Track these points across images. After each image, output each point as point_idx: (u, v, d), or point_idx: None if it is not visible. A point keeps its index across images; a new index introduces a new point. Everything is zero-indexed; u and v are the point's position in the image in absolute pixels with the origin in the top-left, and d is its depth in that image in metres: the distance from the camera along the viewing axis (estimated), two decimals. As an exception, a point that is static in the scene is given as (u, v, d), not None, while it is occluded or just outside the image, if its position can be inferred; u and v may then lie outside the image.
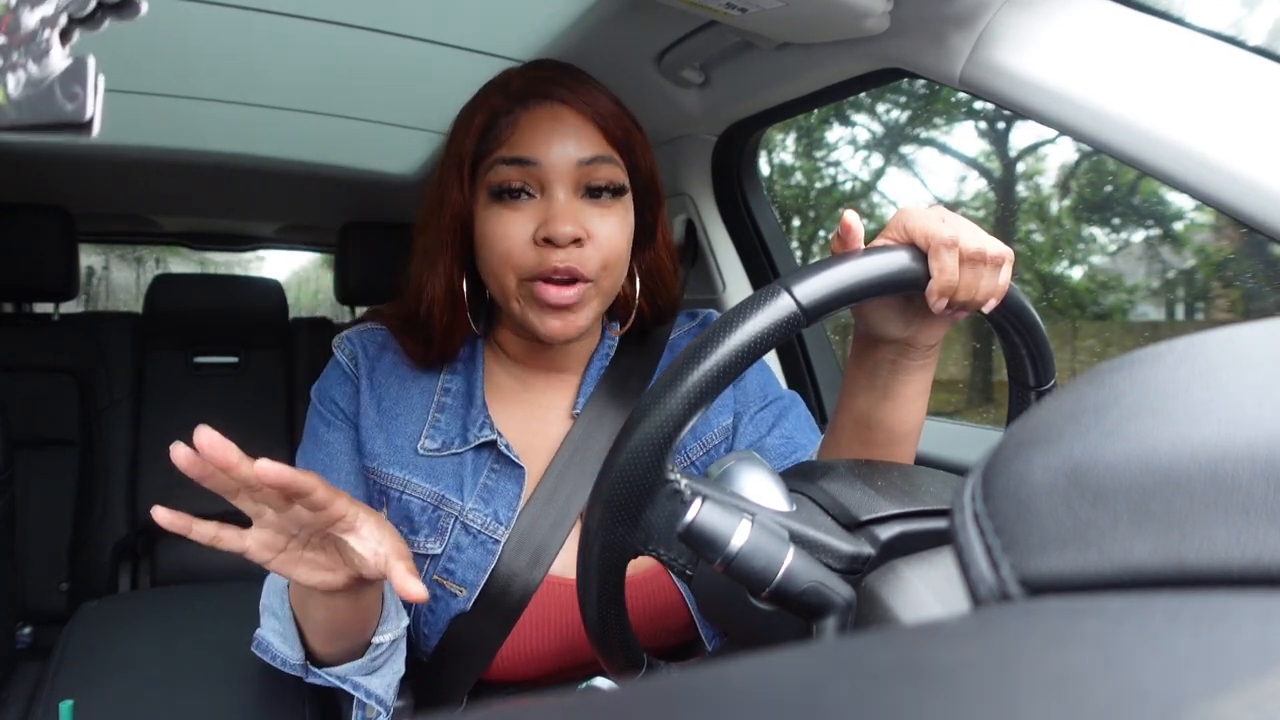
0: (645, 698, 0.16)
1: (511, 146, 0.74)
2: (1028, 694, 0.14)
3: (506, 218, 0.74)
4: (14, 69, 0.26)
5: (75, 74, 0.26)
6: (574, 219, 0.73)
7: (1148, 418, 0.21)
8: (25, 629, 1.73)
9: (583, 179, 0.74)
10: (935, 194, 5.45)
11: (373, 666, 0.72)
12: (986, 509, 0.23)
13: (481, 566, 0.77)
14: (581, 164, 0.74)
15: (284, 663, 0.72)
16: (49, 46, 0.26)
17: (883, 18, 0.80)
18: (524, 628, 0.77)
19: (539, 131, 0.74)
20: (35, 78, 0.26)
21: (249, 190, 2.08)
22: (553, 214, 0.73)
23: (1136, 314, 4.22)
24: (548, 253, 0.72)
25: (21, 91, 0.26)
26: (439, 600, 0.78)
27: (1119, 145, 0.67)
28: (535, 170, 0.73)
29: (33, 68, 0.26)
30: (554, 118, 0.75)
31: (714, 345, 0.50)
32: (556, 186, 0.74)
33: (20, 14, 0.26)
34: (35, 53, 0.26)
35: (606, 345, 0.88)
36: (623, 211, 0.77)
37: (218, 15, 1.07)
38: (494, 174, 0.74)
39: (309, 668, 0.72)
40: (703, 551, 0.48)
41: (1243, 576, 0.17)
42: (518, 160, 0.73)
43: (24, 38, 0.26)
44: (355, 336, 0.85)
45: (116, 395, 2.02)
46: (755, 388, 0.89)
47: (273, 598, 0.74)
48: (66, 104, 0.26)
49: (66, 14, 0.26)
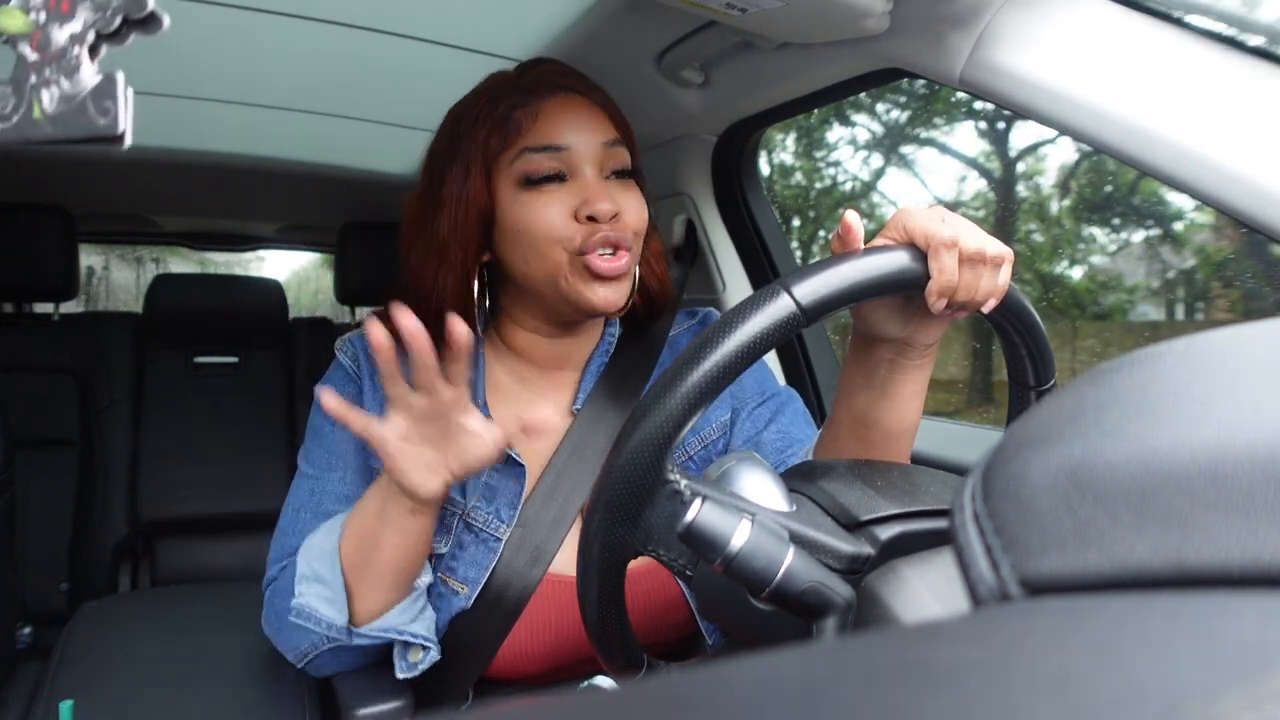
0: (645, 698, 0.16)
1: (537, 136, 0.77)
2: (1028, 694, 0.14)
3: (541, 201, 0.77)
4: (47, 85, 0.27)
5: (106, 89, 0.27)
6: (609, 196, 0.77)
7: (1148, 418, 0.21)
8: (25, 629, 1.73)
9: (607, 160, 0.79)
10: (935, 194, 5.45)
11: (414, 610, 0.75)
12: (986, 509, 0.23)
13: (483, 564, 0.77)
14: (606, 146, 0.79)
15: (329, 626, 0.73)
16: (79, 63, 0.27)
17: (883, 18, 0.80)
18: (524, 625, 0.77)
19: (563, 120, 0.78)
20: (68, 93, 0.27)
21: (249, 190, 2.08)
22: (592, 193, 0.76)
23: (1136, 314, 4.22)
24: (593, 228, 0.76)
25: (56, 107, 0.27)
26: (441, 598, 0.78)
27: (1119, 145, 0.67)
28: (565, 155, 0.77)
29: (65, 83, 0.27)
30: (572, 106, 0.79)
31: (714, 345, 0.50)
32: (585, 168, 0.77)
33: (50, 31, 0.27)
34: (66, 69, 0.27)
35: (606, 342, 0.88)
36: (639, 192, 0.82)
37: (218, 15, 1.07)
38: (523, 162, 0.77)
39: (353, 629, 0.73)
40: (703, 552, 0.48)
41: (1243, 576, 0.17)
42: (548, 148, 0.77)
43: (55, 54, 0.27)
44: (357, 339, 0.86)
45: (116, 395, 2.02)
46: (753, 384, 0.89)
47: (319, 563, 0.74)
48: (99, 118, 0.27)
49: (94, 30, 0.27)
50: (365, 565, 0.72)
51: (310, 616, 0.73)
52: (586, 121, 0.78)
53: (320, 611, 0.73)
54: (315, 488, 0.80)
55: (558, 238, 0.76)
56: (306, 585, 0.74)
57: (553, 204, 0.76)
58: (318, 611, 0.73)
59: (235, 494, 2.03)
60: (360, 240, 2.18)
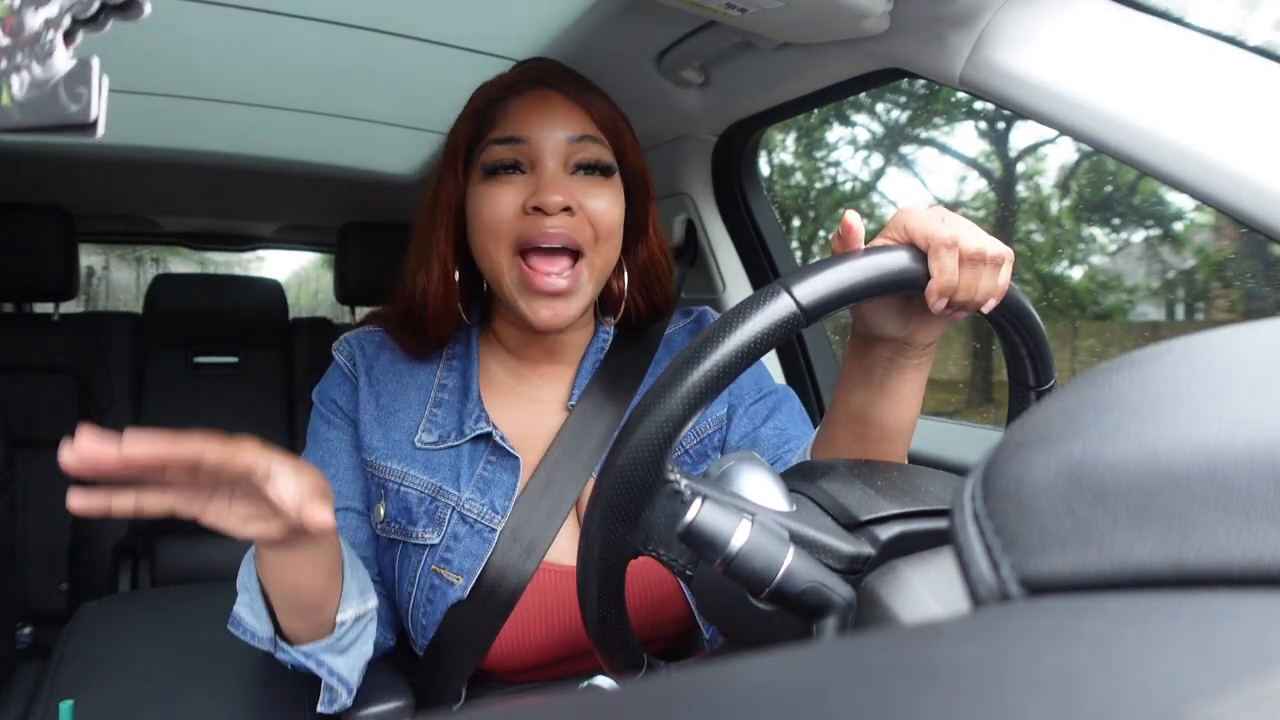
0: (645, 697, 0.16)
1: (503, 128, 0.78)
2: (1028, 694, 0.14)
3: (496, 191, 0.77)
4: (18, 70, 0.26)
5: (79, 75, 0.26)
6: (563, 189, 0.76)
7: (1148, 418, 0.21)
8: (25, 629, 1.73)
9: (571, 154, 0.78)
10: (935, 194, 5.45)
11: (340, 646, 0.71)
12: (986, 509, 0.23)
13: (478, 555, 0.77)
14: (570, 140, 0.78)
15: (254, 636, 0.71)
16: (53, 48, 0.26)
17: (883, 18, 0.80)
18: (520, 616, 0.77)
19: (530, 112, 0.78)
20: (39, 79, 0.26)
21: (249, 190, 2.08)
22: (542, 184, 0.76)
23: (1136, 314, 4.22)
24: (538, 220, 0.75)
25: (25, 93, 0.26)
26: (436, 590, 0.78)
27: (1119, 145, 0.67)
28: (525, 147, 0.77)
29: (37, 69, 0.26)
30: (543, 101, 0.79)
31: (713, 345, 0.50)
32: (546, 160, 0.77)
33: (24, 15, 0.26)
34: (39, 54, 0.26)
35: (601, 338, 0.88)
36: (613, 191, 0.80)
37: (218, 15, 1.07)
38: (486, 154, 0.78)
39: (278, 643, 0.71)
40: (703, 551, 0.48)
41: (1243, 576, 0.17)
42: (509, 139, 0.77)
43: (28, 39, 0.26)
44: (353, 339, 0.87)
45: (116, 395, 2.02)
46: (750, 381, 0.90)
47: (244, 570, 0.73)
48: (71, 105, 0.26)
49: (70, 15, 0.26)
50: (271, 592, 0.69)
51: (239, 625, 0.72)
52: (554, 115, 0.78)
53: (246, 621, 0.72)
54: None
55: (500, 229, 0.76)
56: (241, 592, 0.73)
57: (505, 194, 0.76)
58: (244, 621, 0.72)
59: (235, 494, 2.02)
60: (360, 240, 2.19)
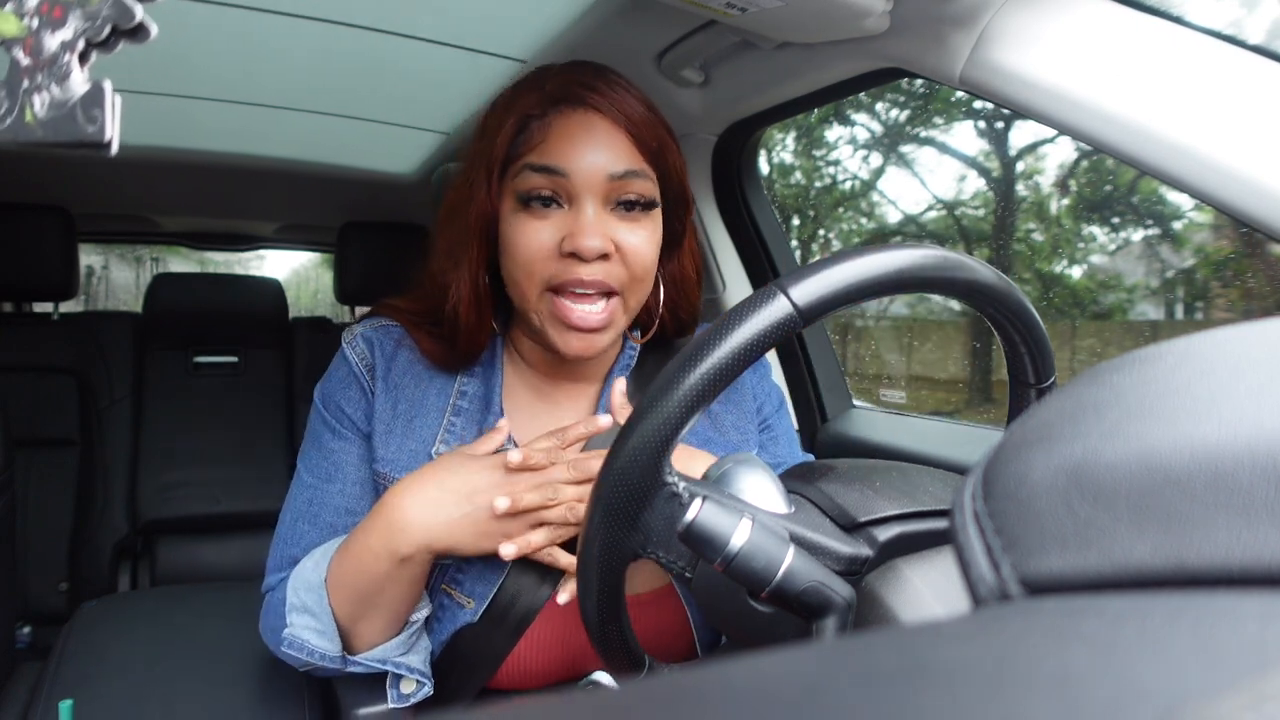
0: (646, 697, 0.16)
1: (541, 153, 0.72)
2: (1028, 694, 0.14)
3: (532, 226, 0.72)
4: (39, 90, 0.28)
5: (94, 97, 0.28)
6: (601, 233, 0.71)
7: (1148, 417, 0.21)
8: (25, 629, 1.73)
9: (613, 193, 0.72)
10: (935, 193, 5.44)
11: (410, 644, 0.75)
12: (987, 509, 0.23)
13: (491, 579, 0.75)
14: (613, 178, 0.72)
15: (322, 656, 0.72)
16: (69, 70, 0.28)
17: (882, 18, 0.80)
18: (530, 640, 0.76)
19: (570, 140, 0.71)
20: (58, 99, 0.28)
21: (249, 190, 2.08)
22: (579, 227, 0.70)
23: (1136, 314, 4.22)
24: (573, 265, 0.71)
25: (46, 113, 0.28)
26: (445, 610, 0.77)
27: (1119, 145, 0.67)
28: (563, 181, 0.71)
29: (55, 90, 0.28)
30: (586, 126, 0.72)
31: (710, 348, 0.49)
32: (585, 199, 0.71)
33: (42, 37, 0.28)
34: (57, 75, 0.28)
35: (627, 356, 0.86)
36: (652, 225, 0.75)
37: (218, 15, 1.07)
38: (522, 180, 0.72)
39: (347, 657, 0.73)
40: (703, 551, 0.48)
41: (1243, 576, 0.17)
42: (546, 169, 0.71)
43: (46, 60, 0.28)
44: (371, 334, 0.81)
45: (116, 395, 2.02)
46: (751, 402, 0.89)
47: (307, 596, 0.73)
48: (87, 126, 0.28)
49: (84, 38, 0.28)
50: (362, 603, 0.71)
51: (302, 647, 0.72)
52: (596, 146, 0.71)
53: (311, 643, 0.72)
54: (314, 498, 0.79)
55: (534, 269, 0.72)
56: (296, 616, 0.73)
57: (542, 230, 0.71)
58: (309, 643, 0.72)
59: (235, 493, 2.03)
60: (360, 240, 2.19)
